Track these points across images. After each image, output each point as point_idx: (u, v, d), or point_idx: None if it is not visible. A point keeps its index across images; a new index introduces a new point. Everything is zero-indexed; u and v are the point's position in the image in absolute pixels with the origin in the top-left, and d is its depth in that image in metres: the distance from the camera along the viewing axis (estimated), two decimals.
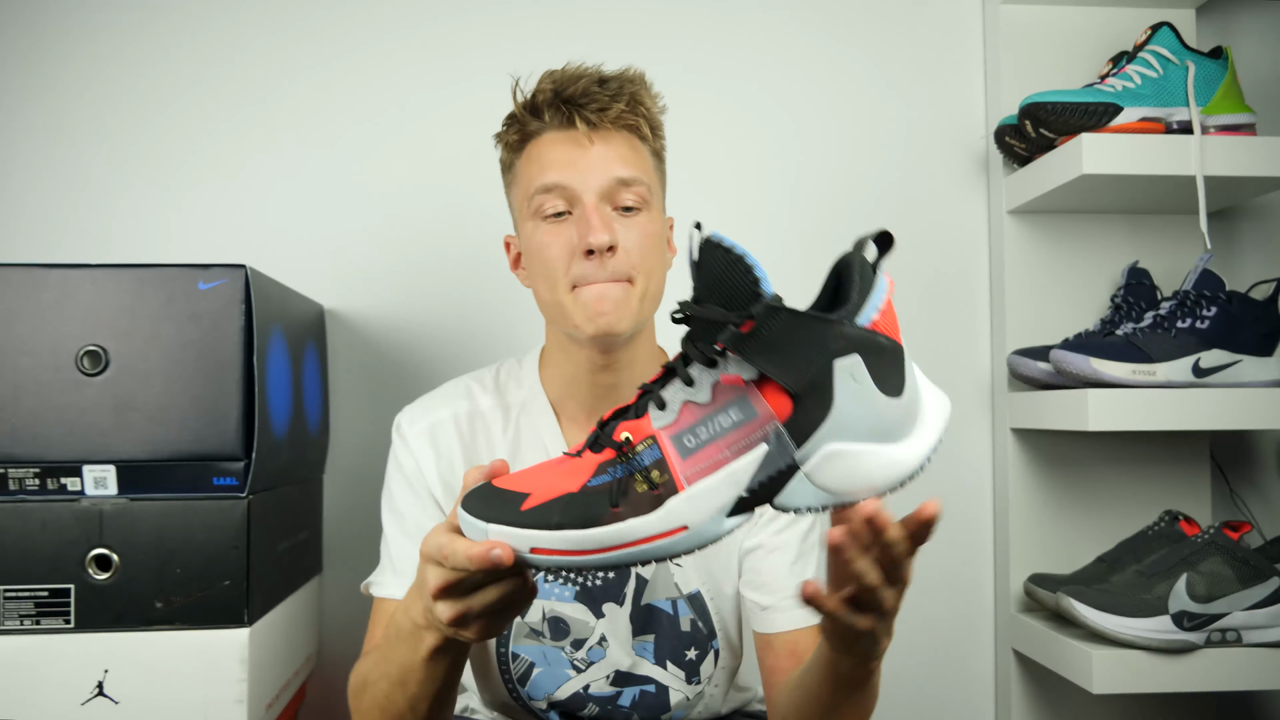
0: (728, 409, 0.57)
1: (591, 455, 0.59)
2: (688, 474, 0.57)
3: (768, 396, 0.57)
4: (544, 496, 0.57)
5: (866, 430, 0.57)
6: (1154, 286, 1.32)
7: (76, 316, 0.96)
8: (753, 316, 0.55)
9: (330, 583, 1.36)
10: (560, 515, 0.56)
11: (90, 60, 1.38)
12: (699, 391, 0.58)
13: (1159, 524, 1.25)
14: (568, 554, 0.56)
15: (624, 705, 0.97)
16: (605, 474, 0.57)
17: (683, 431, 0.57)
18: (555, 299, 0.91)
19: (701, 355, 0.58)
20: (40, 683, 0.94)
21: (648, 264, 0.91)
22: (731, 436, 0.57)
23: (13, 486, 0.96)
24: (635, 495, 0.56)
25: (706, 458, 0.57)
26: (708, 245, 0.57)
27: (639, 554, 0.56)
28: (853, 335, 0.56)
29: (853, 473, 0.57)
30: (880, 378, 0.57)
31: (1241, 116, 1.25)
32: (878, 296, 0.58)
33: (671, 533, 0.56)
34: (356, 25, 1.42)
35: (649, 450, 0.57)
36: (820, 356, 0.56)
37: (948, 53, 1.48)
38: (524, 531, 0.56)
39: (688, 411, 0.58)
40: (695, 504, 0.56)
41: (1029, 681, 1.39)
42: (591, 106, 0.90)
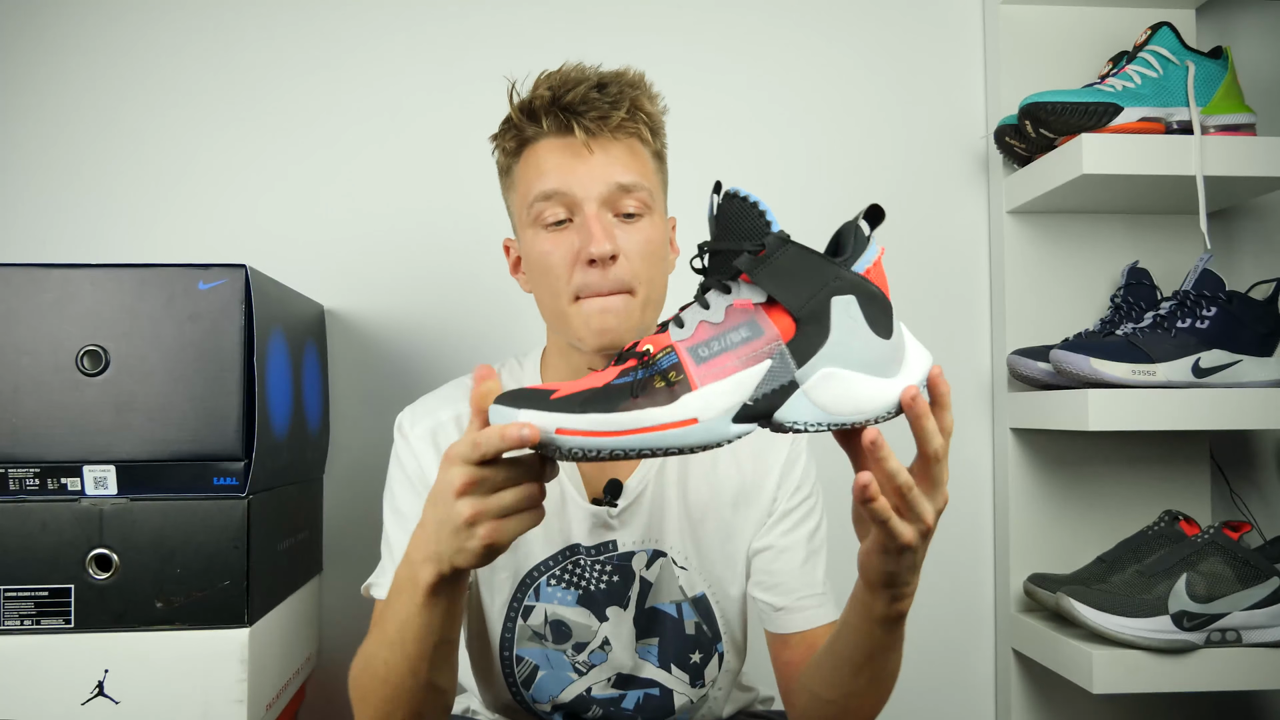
0: (739, 327, 0.65)
1: (615, 366, 0.67)
2: (701, 376, 0.64)
3: (774, 319, 0.65)
4: (571, 390, 0.64)
5: (858, 361, 0.65)
6: (1154, 286, 1.32)
7: (76, 316, 0.96)
8: (765, 244, 0.65)
9: (330, 583, 1.36)
10: (585, 403, 0.63)
11: (91, 61, 1.38)
12: (714, 313, 0.66)
13: (1159, 524, 1.25)
14: (589, 434, 0.62)
15: (628, 708, 0.97)
16: (627, 376, 0.65)
17: (698, 344, 0.65)
18: (558, 308, 0.90)
19: (718, 283, 0.66)
20: (40, 683, 0.94)
21: (649, 271, 0.90)
22: (741, 350, 0.64)
23: (13, 486, 0.96)
24: (653, 389, 0.63)
25: (718, 364, 0.64)
26: (727, 197, 0.66)
27: (654, 440, 0.62)
28: (849, 278, 0.66)
29: (845, 395, 0.65)
30: (871, 319, 0.66)
31: (1241, 116, 1.25)
32: (870, 254, 0.67)
33: (684, 423, 0.62)
34: (357, 26, 1.42)
35: (667, 357, 0.65)
36: (821, 290, 0.65)
37: (948, 53, 1.48)
38: (551, 414, 0.62)
39: (703, 328, 0.66)
40: (706, 400, 0.63)
41: (1029, 681, 1.39)
42: (591, 115, 0.88)
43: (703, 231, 1.35)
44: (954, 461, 1.44)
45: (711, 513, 0.97)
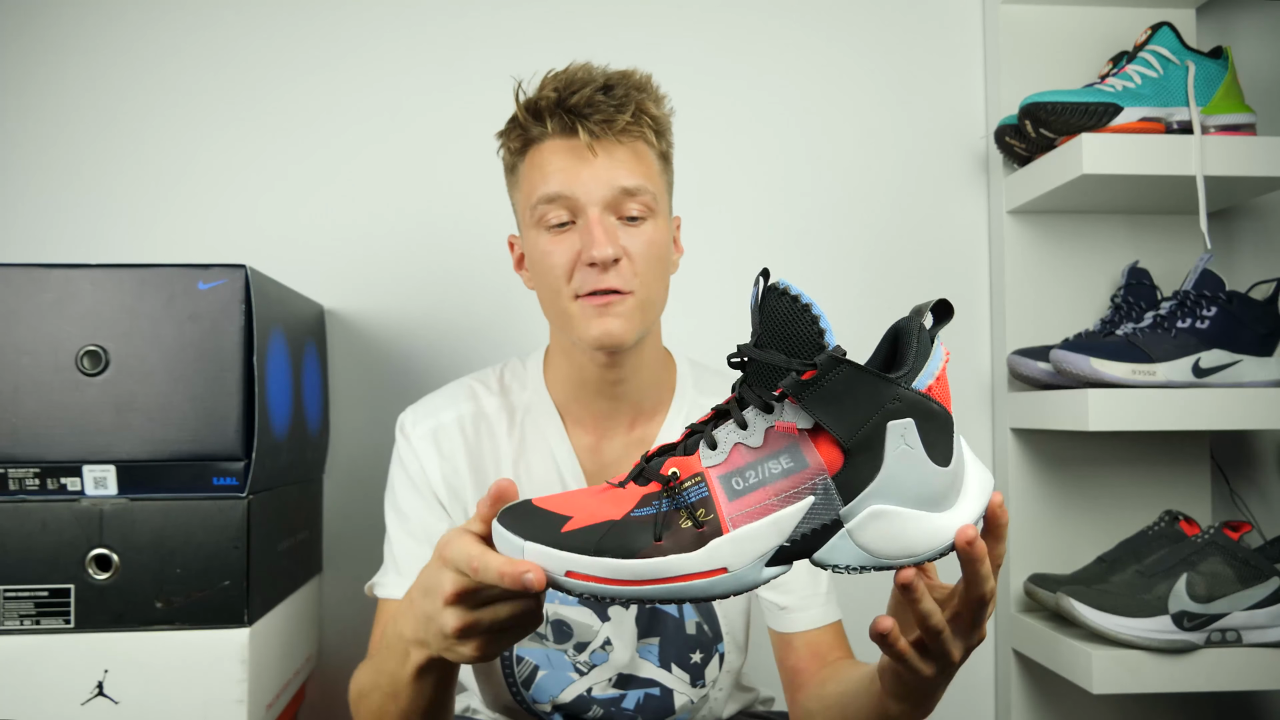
0: (779, 456, 0.57)
1: (636, 487, 0.59)
2: (733, 516, 0.57)
3: (820, 448, 0.57)
4: (585, 521, 0.57)
5: (912, 496, 0.57)
6: (1154, 286, 1.32)
7: (76, 316, 0.96)
8: (816, 365, 0.56)
9: (330, 583, 1.36)
10: (601, 541, 0.56)
11: (91, 61, 1.38)
12: (752, 435, 0.58)
13: (1159, 524, 1.25)
14: (603, 581, 0.56)
15: (628, 708, 0.97)
16: (649, 506, 0.57)
17: (732, 473, 0.57)
18: (560, 307, 0.91)
19: (758, 399, 0.58)
20: (40, 683, 0.94)
21: (651, 274, 0.90)
22: (780, 484, 0.57)
23: (13, 486, 0.96)
24: (679, 530, 0.56)
25: (753, 502, 0.57)
26: (772, 292, 0.58)
27: (676, 591, 0.56)
28: (909, 398, 0.57)
29: (895, 536, 0.57)
30: (930, 444, 0.58)
31: (1241, 116, 1.25)
32: (934, 364, 0.59)
33: (712, 574, 0.56)
34: (357, 25, 1.42)
35: (696, 487, 0.57)
36: (876, 414, 0.56)
37: (948, 53, 1.48)
38: (561, 554, 0.56)
39: (738, 453, 0.58)
40: (739, 547, 0.56)
41: (1029, 681, 1.39)
42: (595, 117, 0.88)
43: (704, 229, 1.36)
44: None
45: None
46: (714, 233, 1.43)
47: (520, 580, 0.56)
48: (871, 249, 1.45)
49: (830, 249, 1.45)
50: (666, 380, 1.01)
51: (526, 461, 0.97)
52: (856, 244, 1.45)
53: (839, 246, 1.45)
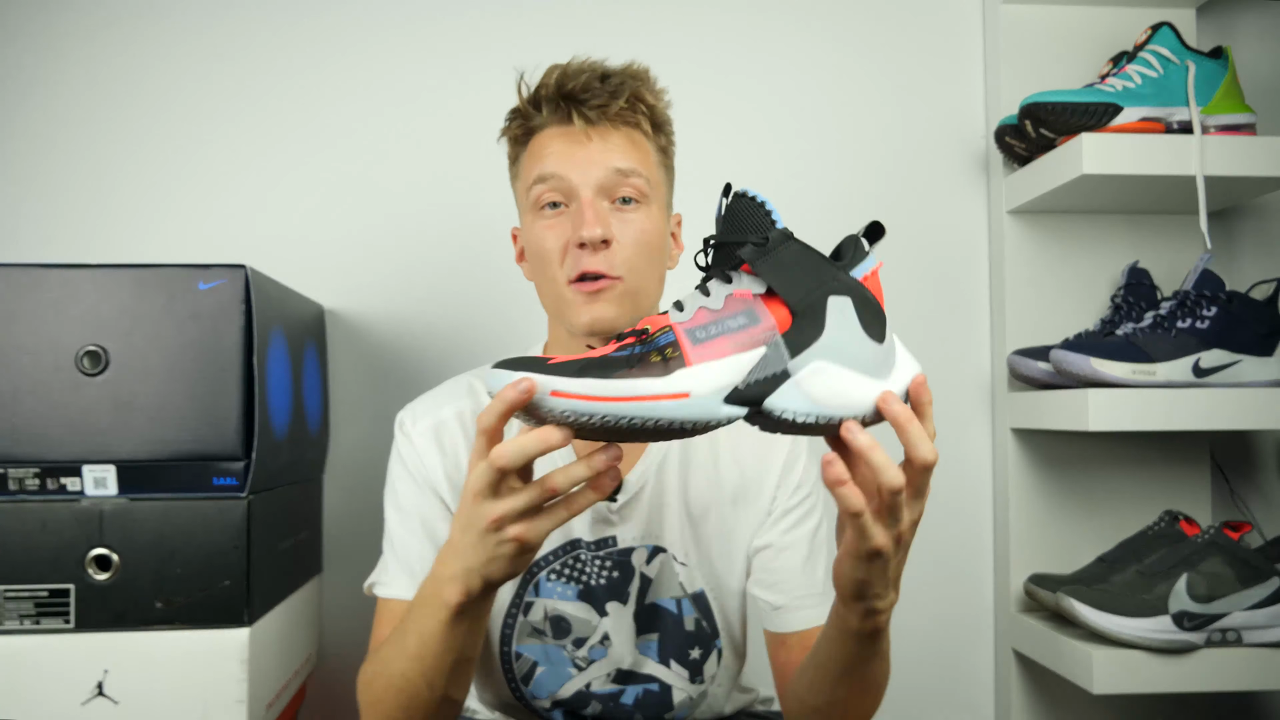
0: (737, 315, 0.67)
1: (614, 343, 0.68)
2: (696, 355, 0.65)
3: (771, 309, 0.67)
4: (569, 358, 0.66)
5: (850, 358, 0.67)
6: (1154, 286, 1.32)
7: (76, 316, 0.96)
8: (769, 238, 0.67)
9: (330, 583, 1.36)
10: (582, 369, 0.64)
11: (90, 61, 1.38)
12: (714, 300, 0.68)
13: (1159, 524, 1.25)
14: (583, 398, 0.63)
15: (627, 704, 0.97)
16: (625, 350, 0.66)
17: (696, 326, 0.67)
18: (554, 292, 0.91)
19: (720, 273, 0.69)
20: (40, 683, 0.94)
21: (642, 261, 0.90)
22: (738, 336, 0.66)
23: (13, 486, 0.96)
24: (649, 363, 0.65)
25: (714, 346, 0.66)
26: (735, 196, 0.69)
27: (645, 409, 0.64)
28: (846, 280, 0.68)
29: (835, 389, 0.66)
30: (865, 323, 0.67)
31: (1241, 116, 1.25)
32: (867, 263, 0.70)
33: (676, 395, 0.64)
34: (356, 25, 1.42)
35: (664, 335, 0.67)
36: (819, 287, 0.67)
37: (948, 53, 1.48)
38: (548, 376, 0.63)
39: (702, 313, 0.67)
40: (699, 378, 0.65)
41: (1029, 681, 1.39)
42: (591, 103, 0.90)
43: (705, 229, 1.35)
44: (954, 461, 1.44)
45: (712, 510, 0.97)
46: (713, 231, 1.42)
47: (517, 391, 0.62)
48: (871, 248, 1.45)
49: (830, 248, 1.45)
50: None
51: None
52: None
53: None
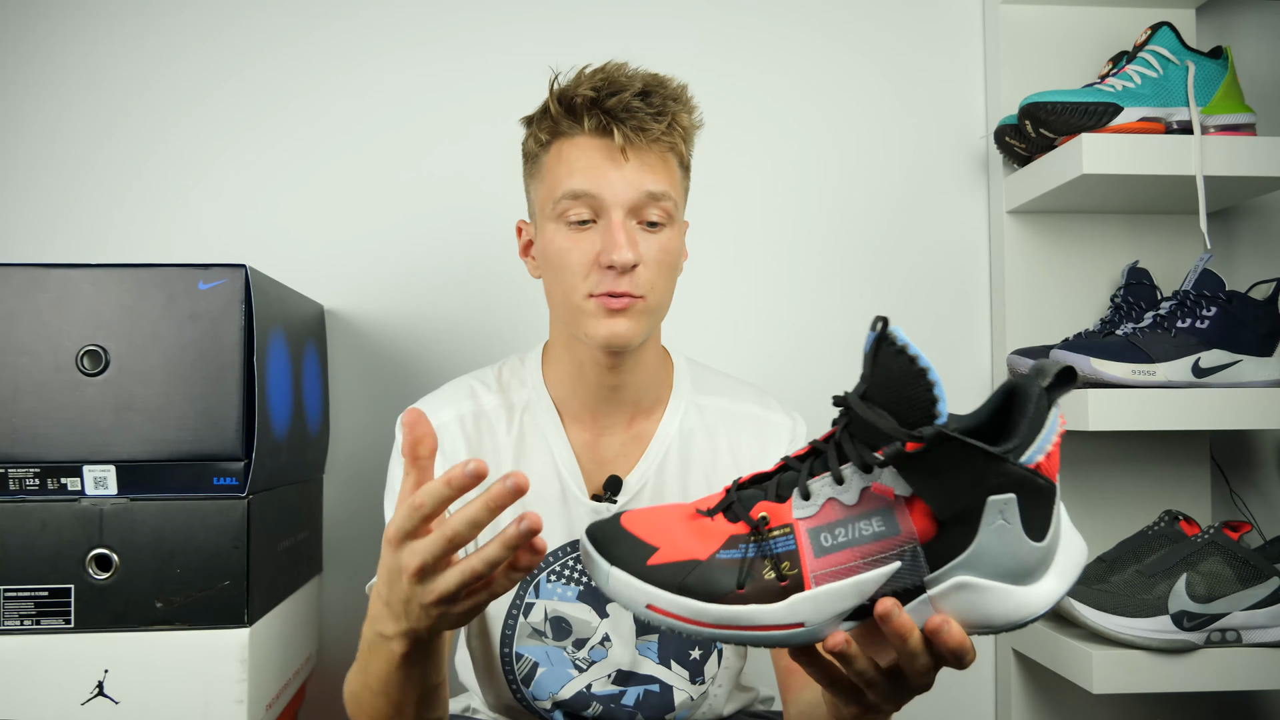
0: (871, 517, 0.57)
1: (725, 522, 0.59)
2: (817, 573, 0.57)
3: (914, 516, 0.56)
4: (671, 556, 0.58)
5: (1001, 570, 0.56)
6: (1154, 286, 1.32)
7: (76, 316, 0.96)
8: (923, 439, 0.54)
9: (330, 583, 1.36)
10: (685, 580, 0.56)
11: (91, 61, 1.38)
12: (847, 492, 0.57)
13: (1159, 524, 1.25)
14: (682, 620, 0.56)
15: (628, 705, 0.97)
16: (735, 549, 0.58)
17: (821, 528, 0.57)
18: (572, 303, 0.91)
19: (858, 458, 0.57)
20: (40, 683, 0.94)
21: (663, 279, 0.91)
22: (869, 547, 0.57)
23: (13, 486, 0.96)
24: (762, 581, 0.57)
25: (839, 561, 0.57)
26: (888, 344, 0.55)
27: (752, 638, 0.57)
28: (1014, 474, 0.55)
29: (976, 607, 0.57)
30: (1028, 520, 0.56)
31: (1241, 116, 1.25)
32: (1048, 437, 0.56)
33: (789, 627, 0.56)
34: (357, 26, 1.42)
35: (784, 538, 0.57)
36: (977, 490, 0.55)
37: (948, 53, 1.48)
38: (646, 586, 0.57)
39: (831, 508, 0.57)
40: (819, 604, 0.56)
41: (1029, 681, 1.39)
42: (631, 123, 0.88)
43: (705, 228, 1.36)
44: None
45: None
46: (714, 232, 1.43)
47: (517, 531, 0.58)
48: (871, 249, 1.45)
49: (830, 248, 1.45)
50: (664, 379, 1.02)
51: (525, 459, 0.97)
52: (856, 244, 1.45)
53: (839, 246, 1.45)
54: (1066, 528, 0.60)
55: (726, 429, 1.01)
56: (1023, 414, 0.56)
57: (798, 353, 1.43)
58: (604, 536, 0.59)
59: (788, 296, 1.43)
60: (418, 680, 0.72)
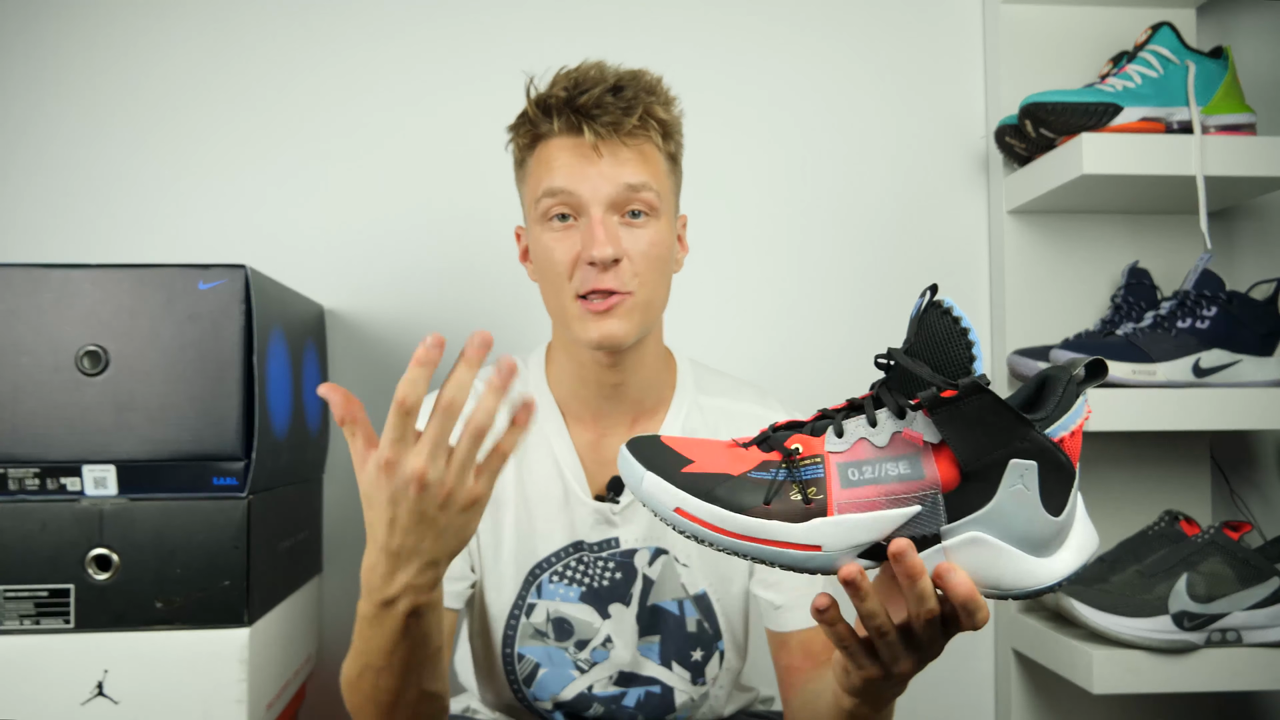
0: (899, 460, 0.59)
1: (759, 452, 0.62)
2: (841, 502, 0.59)
3: (939, 464, 0.59)
4: (704, 468, 0.60)
5: (1016, 534, 0.58)
6: (1154, 286, 1.32)
7: (76, 316, 0.96)
8: (959, 386, 0.57)
9: (330, 583, 1.36)
10: (715, 489, 0.59)
11: (91, 61, 1.38)
12: (879, 434, 0.60)
13: (1159, 524, 1.25)
14: (707, 526, 0.59)
15: (629, 706, 0.97)
16: (766, 471, 0.60)
17: (850, 463, 0.60)
18: (560, 304, 0.91)
19: (894, 403, 0.60)
20: (40, 683, 0.94)
21: (652, 274, 0.91)
22: (893, 486, 0.59)
23: (13, 486, 0.96)
24: (788, 500, 0.59)
25: (863, 495, 0.59)
26: (935, 307, 0.59)
27: (770, 554, 0.59)
28: (1038, 442, 0.58)
29: (987, 566, 0.59)
30: (1047, 492, 0.58)
31: (1241, 116, 1.25)
32: (1073, 418, 0.59)
33: (807, 548, 0.59)
34: (357, 26, 1.42)
35: (814, 466, 0.60)
36: (1001, 449, 0.57)
37: (948, 53, 1.48)
38: (677, 490, 0.59)
39: (861, 447, 0.60)
40: (838, 531, 0.59)
41: (1029, 681, 1.39)
42: (603, 119, 0.88)
43: (704, 228, 1.36)
44: None
45: None
46: (714, 231, 1.43)
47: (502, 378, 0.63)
48: (871, 249, 1.45)
49: (830, 248, 1.45)
50: (667, 379, 1.01)
51: (527, 459, 0.97)
52: (856, 244, 1.45)
53: (839, 246, 1.45)
54: (1082, 514, 0.62)
55: (728, 429, 1.01)
56: (1053, 394, 0.60)
57: (798, 352, 1.43)
58: (643, 446, 0.61)
59: (787, 296, 1.43)
60: (421, 642, 0.71)
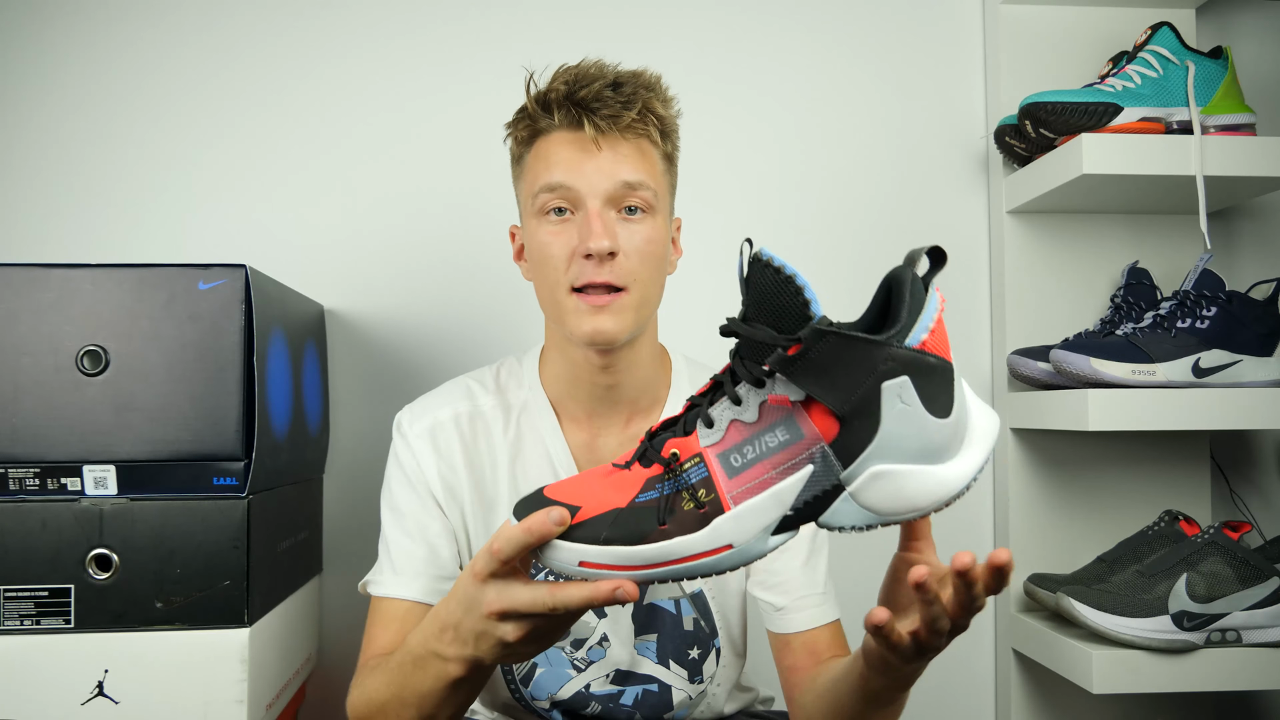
0: (774, 429, 0.57)
1: (640, 469, 0.60)
2: (734, 493, 0.57)
3: (814, 417, 0.57)
4: (593, 510, 0.58)
5: (913, 451, 0.57)
6: (1154, 286, 1.32)
7: (76, 316, 0.96)
8: (800, 340, 0.55)
9: (330, 583, 1.36)
10: (609, 531, 0.57)
11: (91, 61, 1.38)
12: (746, 410, 0.58)
13: (1159, 524, 1.25)
14: (615, 568, 0.57)
15: (626, 704, 0.97)
16: (653, 490, 0.58)
17: (729, 450, 0.58)
18: (554, 299, 0.91)
19: (749, 375, 0.58)
20: (40, 683, 0.94)
21: (647, 271, 0.91)
22: (778, 457, 0.57)
23: (13, 486, 0.96)
24: (682, 513, 0.57)
25: (752, 477, 0.57)
26: (756, 263, 0.56)
27: (684, 570, 0.57)
28: (902, 356, 0.56)
29: (898, 493, 0.57)
30: (928, 398, 0.57)
31: (1241, 116, 1.25)
32: (928, 315, 0.58)
33: (717, 551, 0.57)
34: (357, 26, 1.42)
35: (696, 468, 0.58)
36: (868, 378, 0.56)
37: (948, 53, 1.48)
38: (574, 545, 0.57)
39: (735, 430, 0.58)
40: (741, 523, 0.57)
41: (1029, 681, 1.39)
42: (603, 112, 0.89)
43: (702, 228, 1.36)
44: None
45: None
46: (712, 232, 1.43)
47: (613, 596, 0.58)
48: (871, 249, 1.45)
49: (830, 248, 1.45)
50: (662, 377, 1.01)
51: (522, 459, 0.97)
52: (856, 244, 1.45)
53: (839, 246, 1.45)
54: (974, 402, 0.61)
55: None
56: (900, 300, 0.58)
57: None
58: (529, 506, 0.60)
59: None
60: (461, 701, 0.73)
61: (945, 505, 0.58)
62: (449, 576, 0.95)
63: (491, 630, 0.65)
